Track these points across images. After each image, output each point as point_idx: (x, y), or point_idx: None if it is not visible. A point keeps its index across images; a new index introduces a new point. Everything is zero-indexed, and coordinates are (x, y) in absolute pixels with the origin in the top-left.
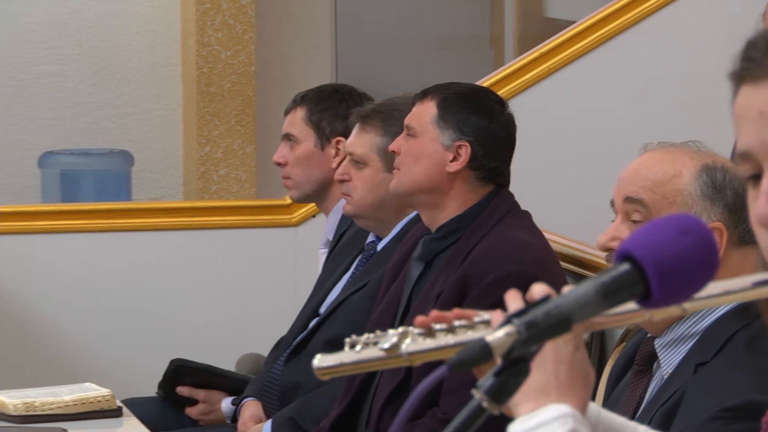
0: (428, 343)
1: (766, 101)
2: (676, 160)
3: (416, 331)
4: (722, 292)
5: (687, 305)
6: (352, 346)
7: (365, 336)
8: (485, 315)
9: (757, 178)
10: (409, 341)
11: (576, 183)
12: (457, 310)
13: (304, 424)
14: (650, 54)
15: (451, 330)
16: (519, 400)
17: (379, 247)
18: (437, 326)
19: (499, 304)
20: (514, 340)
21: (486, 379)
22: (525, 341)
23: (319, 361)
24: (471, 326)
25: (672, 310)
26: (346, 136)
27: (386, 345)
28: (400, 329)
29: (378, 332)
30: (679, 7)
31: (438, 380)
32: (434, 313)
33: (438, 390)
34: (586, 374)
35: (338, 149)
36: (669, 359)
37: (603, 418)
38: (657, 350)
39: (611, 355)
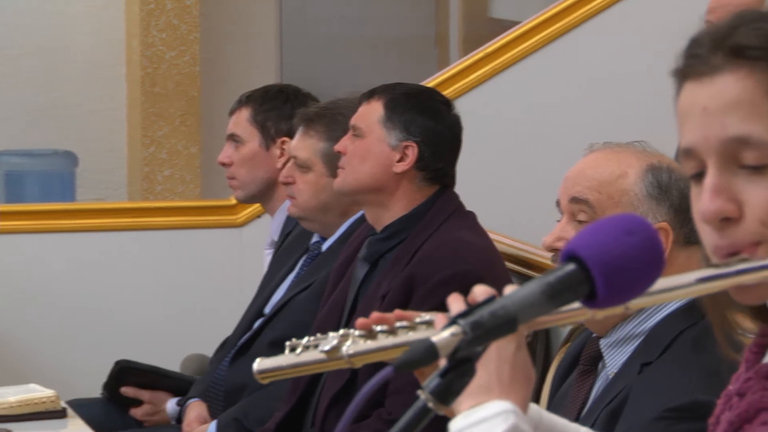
0: (369, 344)
1: (710, 98)
2: (622, 160)
3: (357, 333)
4: (665, 289)
5: (631, 303)
6: (293, 349)
7: (305, 339)
8: (426, 316)
9: (700, 175)
10: (350, 343)
11: (521, 183)
12: (398, 312)
13: (249, 425)
14: (595, 54)
15: (392, 331)
16: (460, 398)
17: (324, 247)
18: (378, 328)
19: (445, 305)
20: (459, 341)
21: (431, 380)
22: (470, 342)
23: (259, 364)
24: (412, 327)
25: (615, 308)
26: (291, 137)
27: (327, 347)
28: (341, 331)
29: (318, 335)
30: (623, 8)
31: (383, 381)
32: (375, 314)
33: (383, 391)
34: (528, 373)
35: (283, 149)
36: (614, 359)
37: (545, 419)
38: (602, 350)
39: (556, 355)
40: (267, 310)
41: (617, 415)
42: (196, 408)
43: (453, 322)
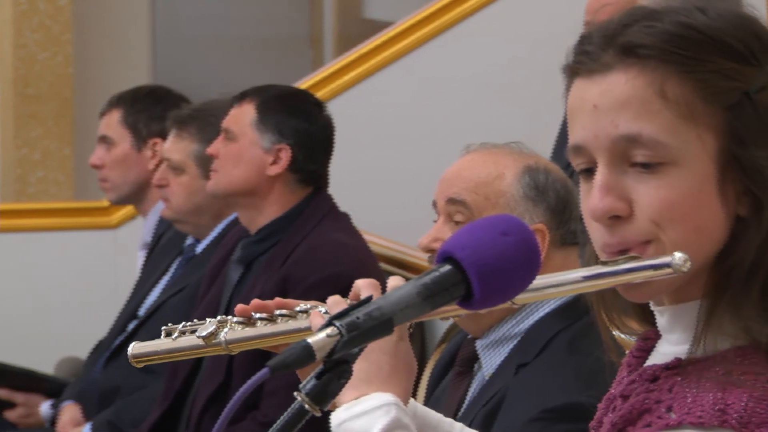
0: (248, 331)
1: (601, 96)
2: (499, 161)
3: (235, 320)
4: (554, 284)
5: (516, 299)
6: (169, 334)
7: (182, 324)
8: (305, 305)
9: (589, 171)
10: (228, 329)
11: (396, 184)
12: (278, 299)
13: (123, 427)
14: (468, 55)
15: (271, 319)
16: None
17: (198, 249)
18: (257, 315)
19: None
20: (335, 342)
21: (308, 381)
22: (347, 343)
23: (134, 348)
24: (292, 316)
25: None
26: (163, 138)
27: (204, 333)
28: (219, 318)
29: (196, 321)
30: (497, 9)
31: (259, 382)
32: (255, 301)
33: (259, 392)
34: (409, 365)
35: (155, 150)
36: (490, 360)
37: (420, 413)
38: (478, 351)
39: (432, 356)
40: (141, 312)
41: (494, 417)
42: (70, 410)
43: (329, 323)
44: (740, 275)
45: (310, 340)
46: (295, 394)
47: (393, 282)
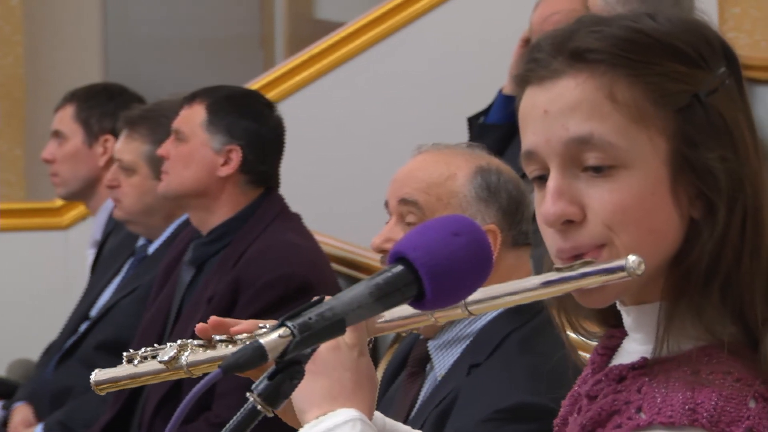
0: (208, 354)
1: (551, 101)
2: (451, 162)
3: (196, 342)
4: (510, 293)
5: (473, 307)
6: (130, 360)
7: (143, 349)
8: (264, 324)
9: (543, 178)
10: (189, 353)
11: (348, 184)
12: (236, 327)
13: (75, 427)
14: (420, 56)
15: (231, 340)
16: (306, 407)
17: (150, 250)
18: (217, 337)
19: (271, 307)
20: (288, 342)
21: (260, 382)
22: (299, 343)
23: (96, 375)
24: (251, 336)
25: (457, 313)
26: (115, 135)
27: (165, 358)
28: (179, 342)
29: (156, 345)
30: (447, 10)
31: (211, 383)
32: (213, 318)
33: (211, 393)
34: (371, 379)
35: (106, 147)
36: (442, 361)
37: (389, 427)
38: (430, 352)
39: (384, 357)
40: (93, 313)
41: (446, 417)
42: (21, 411)
43: (281, 323)
44: (698, 277)
45: (263, 340)
46: (248, 394)
47: None
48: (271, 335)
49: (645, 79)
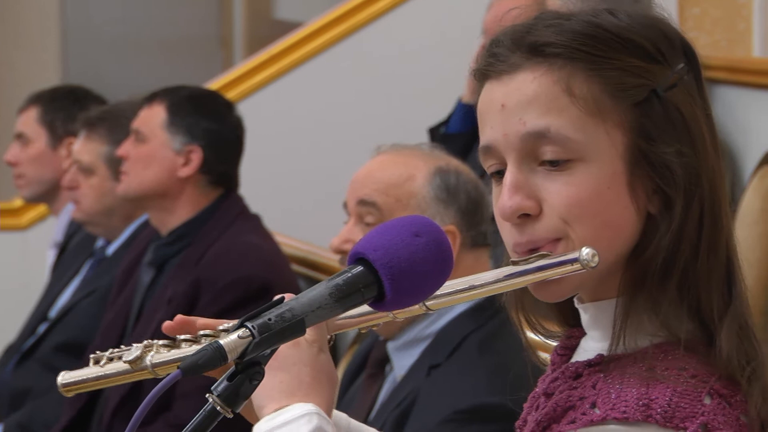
0: (173, 353)
1: (508, 95)
2: (409, 162)
3: (161, 342)
4: (466, 288)
5: (431, 303)
6: (97, 361)
7: (109, 351)
8: (228, 324)
9: (500, 173)
10: (154, 353)
11: (307, 185)
12: (202, 319)
13: (35, 429)
14: (380, 55)
15: (195, 340)
16: (264, 402)
17: (109, 251)
18: (182, 336)
19: (232, 308)
20: (247, 343)
21: (220, 383)
22: (258, 344)
23: (63, 377)
24: (215, 335)
25: (415, 309)
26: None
27: (130, 358)
28: (145, 342)
29: (123, 347)
30: (408, 10)
31: (171, 384)
32: (179, 317)
33: (171, 394)
34: (330, 375)
35: (70, 150)
36: (401, 362)
37: (353, 428)
38: (389, 353)
39: (344, 357)
40: (52, 314)
41: (405, 418)
42: None
43: (241, 324)
44: (655, 272)
45: (222, 341)
46: (207, 395)
47: None
48: (231, 336)
49: (603, 73)
